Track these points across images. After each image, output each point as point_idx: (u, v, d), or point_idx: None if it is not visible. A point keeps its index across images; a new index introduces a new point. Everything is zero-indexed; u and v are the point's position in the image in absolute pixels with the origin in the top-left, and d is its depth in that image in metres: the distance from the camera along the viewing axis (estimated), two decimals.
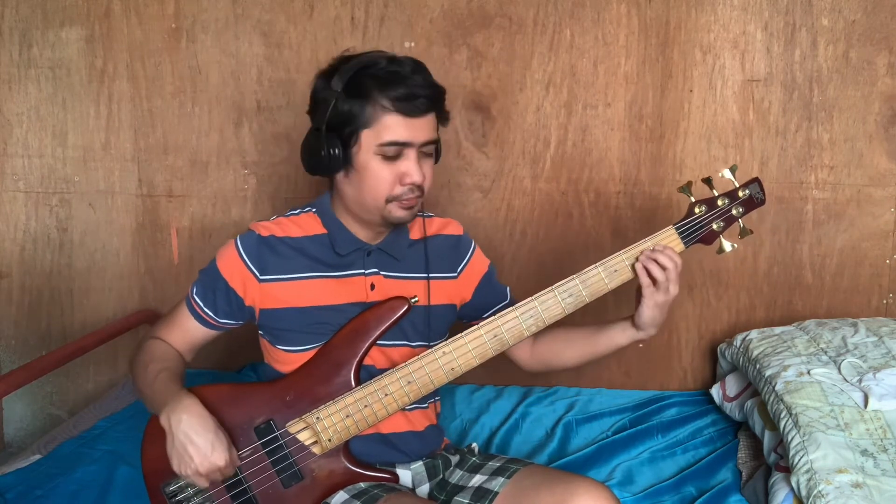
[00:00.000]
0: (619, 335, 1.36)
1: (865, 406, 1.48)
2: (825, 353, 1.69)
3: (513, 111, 2.02)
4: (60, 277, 2.18)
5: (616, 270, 1.28)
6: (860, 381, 1.55)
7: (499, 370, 1.48)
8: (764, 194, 1.31)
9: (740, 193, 1.30)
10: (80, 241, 2.17)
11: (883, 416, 1.46)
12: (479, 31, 2.00)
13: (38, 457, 1.67)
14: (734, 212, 1.29)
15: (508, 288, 1.53)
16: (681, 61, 1.97)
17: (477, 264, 1.48)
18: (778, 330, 1.86)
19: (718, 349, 1.97)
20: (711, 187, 1.30)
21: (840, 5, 1.91)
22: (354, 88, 1.23)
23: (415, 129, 1.24)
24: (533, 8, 1.98)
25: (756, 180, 1.31)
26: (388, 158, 1.24)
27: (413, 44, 2.00)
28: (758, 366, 1.71)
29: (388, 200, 1.26)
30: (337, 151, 1.25)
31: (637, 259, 1.27)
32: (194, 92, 2.08)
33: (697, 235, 1.29)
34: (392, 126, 1.23)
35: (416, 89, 1.23)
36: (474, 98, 2.01)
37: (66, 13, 2.07)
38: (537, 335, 1.43)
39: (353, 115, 1.24)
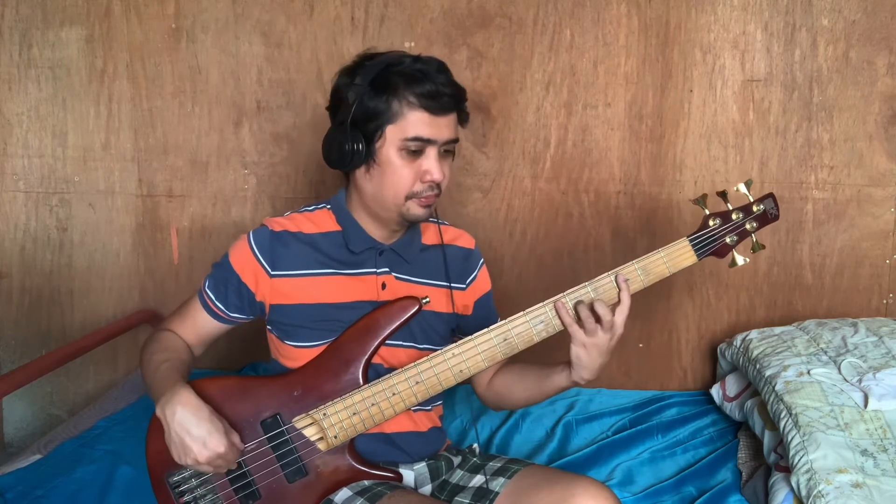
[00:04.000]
0: (558, 377, 1.30)
1: (865, 406, 1.48)
2: (825, 353, 1.69)
3: (513, 111, 2.02)
4: (60, 277, 2.18)
5: (627, 279, 1.25)
6: (860, 381, 1.55)
7: None
8: (778, 210, 1.30)
9: (755, 208, 1.29)
10: (80, 241, 2.17)
11: (883, 416, 1.46)
12: (479, 31, 2.00)
13: (38, 457, 1.67)
14: (748, 226, 1.28)
15: (499, 317, 1.50)
16: (681, 61, 1.97)
17: (482, 281, 1.48)
18: (778, 330, 1.86)
19: (718, 349, 1.97)
20: (726, 201, 1.29)
21: (840, 5, 1.92)
22: (381, 84, 1.25)
23: (439, 127, 1.26)
24: (533, 8, 1.98)
25: (771, 196, 1.30)
26: (411, 154, 1.26)
27: (413, 44, 2.00)
28: (758, 366, 1.71)
29: (408, 197, 1.28)
30: (360, 146, 1.26)
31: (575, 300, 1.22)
32: (194, 92, 2.08)
33: (711, 248, 1.28)
34: (417, 122, 1.24)
35: (441, 87, 1.24)
36: (474, 98, 2.01)
37: (66, 13, 2.07)
38: (500, 369, 1.44)
39: (378, 110, 1.25)
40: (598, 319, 1.21)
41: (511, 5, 1.98)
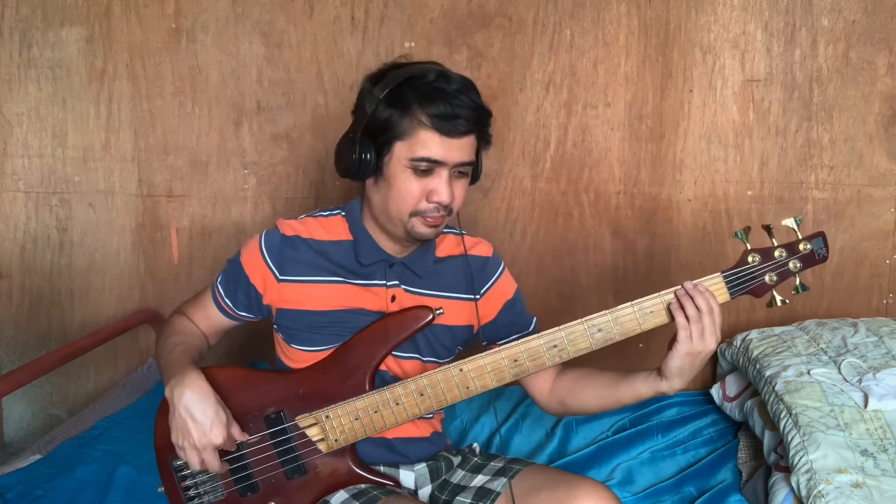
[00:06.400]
0: (642, 385, 1.25)
1: (865, 406, 1.48)
2: (825, 353, 1.69)
3: (513, 111, 2.02)
4: (60, 277, 2.18)
5: (652, 311, 1.19)
6: (860, 381, 1.55)
7: None
8: (827, 250, 1.19)
9: (801, 247, 1.19)
10: (80, 241, 2.17)
11: (883, 416, 1.46)
12: (479, 31, 2.00)
13: (38, 457, 1.67)
14: (791, 266, 1.18)
15: (535, 319, 1.45)
16: (681, 61, 1.97)
17: (503, 287, 1.41)
18: (778, 330, 1.86)
19: (718, 349, 1.97)
20: (771, 236, 1.19)
21: (840, 5, 1.92)
22: (396, 98, 1.19)
23: (450, 148, 1.19)
24: (533, 8, 1.98)
25: (821, 234, 1.20)
26: (419, 173, 1.20)
27: (413, 44, 2.00)
28: (758, 366, 1.71)
29: (413, 214, 1.23)
30: (368, 157, 1.22)
31: (675, 296, 1.17)
32: (194, 92, 2.08)
33: (747, 287, 1.19)
34: (426, 142, 1.18)
35: (458, 109, 1.18)
36: None
37: (66, 13, 2.07)
38: (560, 373, 1.37)
39: (390, 124, 1.19)
40: (698, 309, 1.15)
41: (511, 5, 1.98)
